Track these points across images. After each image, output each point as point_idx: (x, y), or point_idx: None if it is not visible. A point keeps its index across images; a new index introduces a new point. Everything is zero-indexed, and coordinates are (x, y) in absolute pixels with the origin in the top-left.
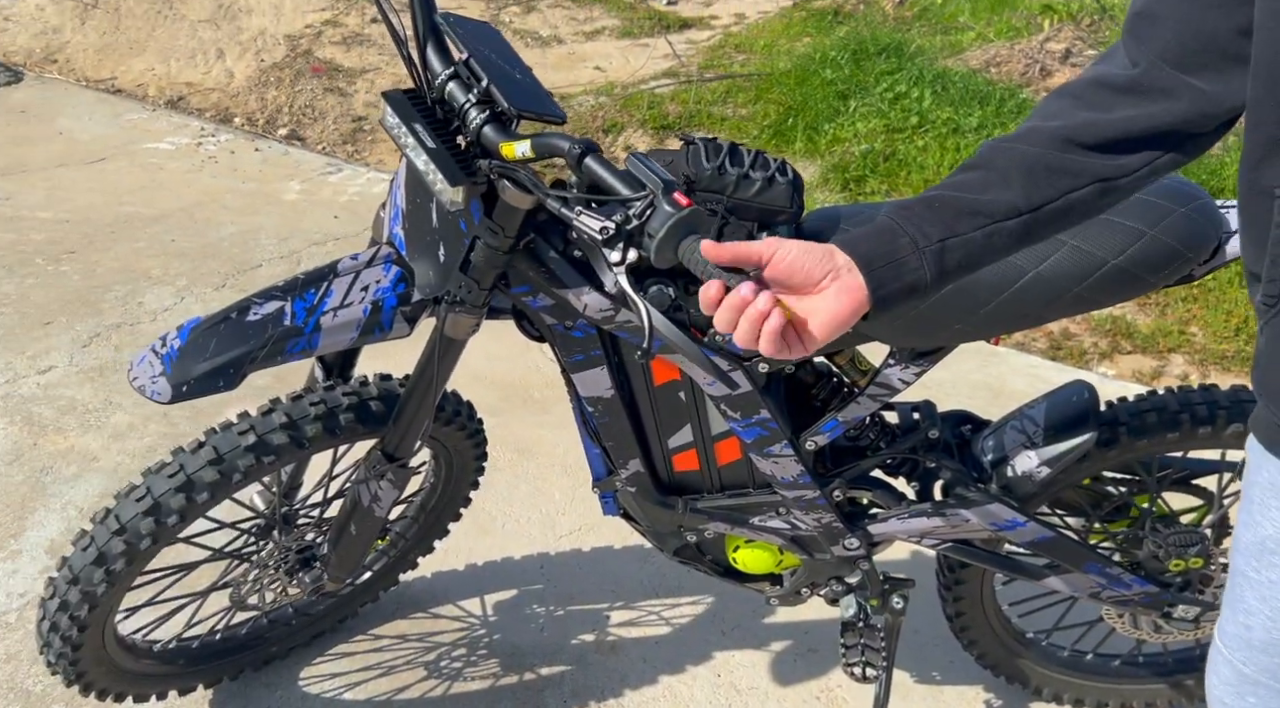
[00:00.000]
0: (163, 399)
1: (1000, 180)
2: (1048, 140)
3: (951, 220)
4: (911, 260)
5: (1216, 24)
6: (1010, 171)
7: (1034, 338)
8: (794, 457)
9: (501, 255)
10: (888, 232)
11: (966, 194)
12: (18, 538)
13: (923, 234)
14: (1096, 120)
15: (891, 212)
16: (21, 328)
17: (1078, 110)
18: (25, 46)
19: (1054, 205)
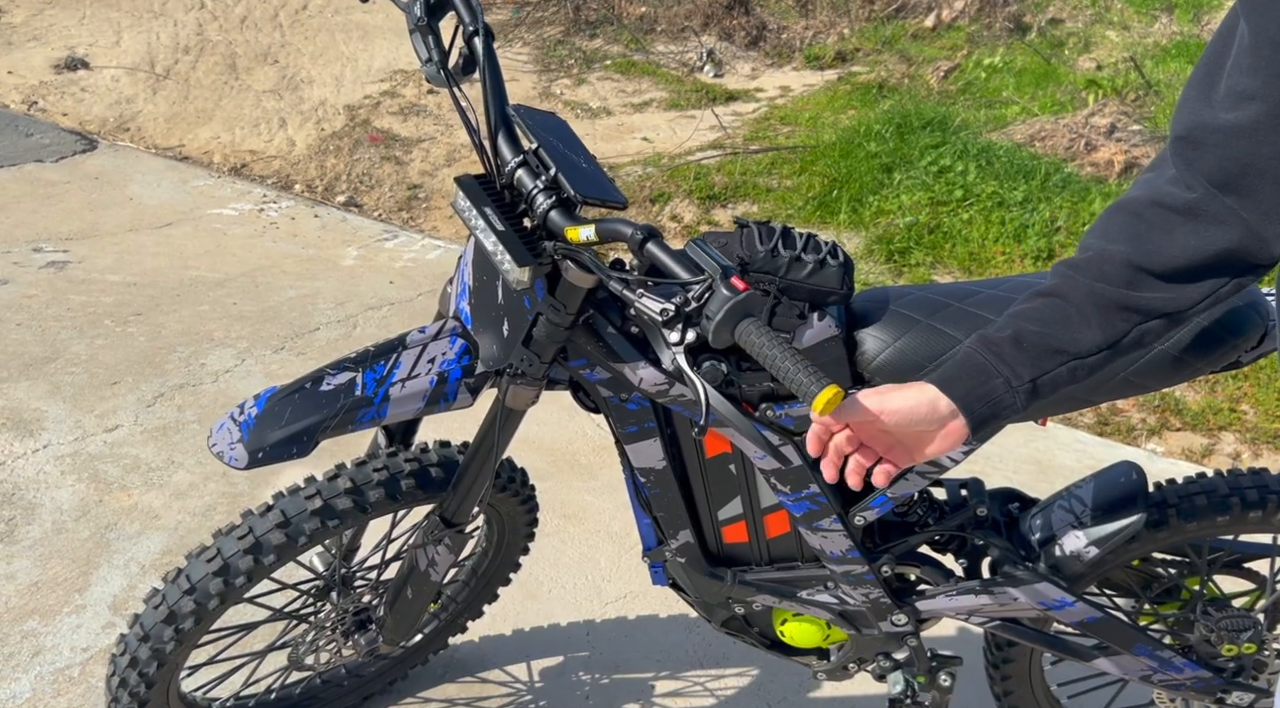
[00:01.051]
0: (240, 466)
1: (1079, 316)
2: (1118, 270)
3: (1039, 359)
4: (1006, 398)
5: (1257, 154)
6: (1086, 308)
7: (1082, 414)
8: (843, 531)
9: (562, 331)
10: (982, 372)
11: (1048, 329)
12: (82, 593)
13: (1015, 374)
14: (1160, 247)
15: (982, 348)
16: (90, 387)
17: (1140, 232)
18: (100, 116)
19: (1128, 338)
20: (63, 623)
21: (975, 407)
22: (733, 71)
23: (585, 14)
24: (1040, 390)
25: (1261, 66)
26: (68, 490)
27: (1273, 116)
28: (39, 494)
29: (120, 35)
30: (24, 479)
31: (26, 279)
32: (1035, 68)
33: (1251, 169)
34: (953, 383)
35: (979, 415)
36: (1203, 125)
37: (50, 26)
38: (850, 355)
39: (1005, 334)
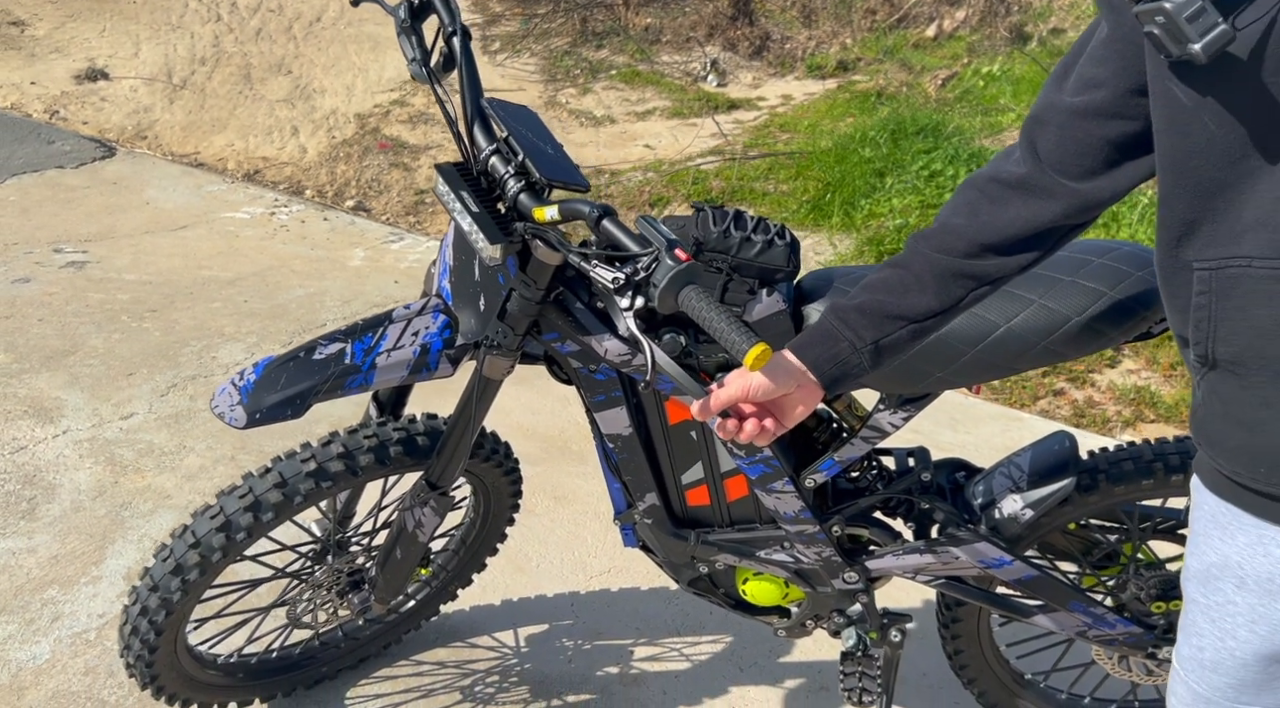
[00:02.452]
0: (239, 424)
1: (917, 284)
2: (956, 242)
3: (880, 323)
4: (852, 359)
5: (1091, 135)
6: (925, 277)
7: (1059, 406)
8: (795, 493)
9: (534, 305)
10: (830, 337)
11: (889, 297)
12: (99, 565)
13: (859, 337)
14: (994, 219)
15: (831, 316)
16: (107, 378)
17: (979, 207)
18: (119, 124)
19: (964, 302)
20: (80, 592)
21: (824, 367)
22: (736, 81)
23: (592, 25)
24: (883, 352)
25: (1112, 58)
26: (85, 472)
27: (1114, 102)
28: (59, 476)
29: (139, 47)
30: (45, 462)
31: (48, 278)
32: (1034, 76)
33: (1088, 147)
34: (805, 348)
35: (828, 375)
36: (1051, 106)
37: (72, 39)
38: (797, 328)
39: (853, 303)
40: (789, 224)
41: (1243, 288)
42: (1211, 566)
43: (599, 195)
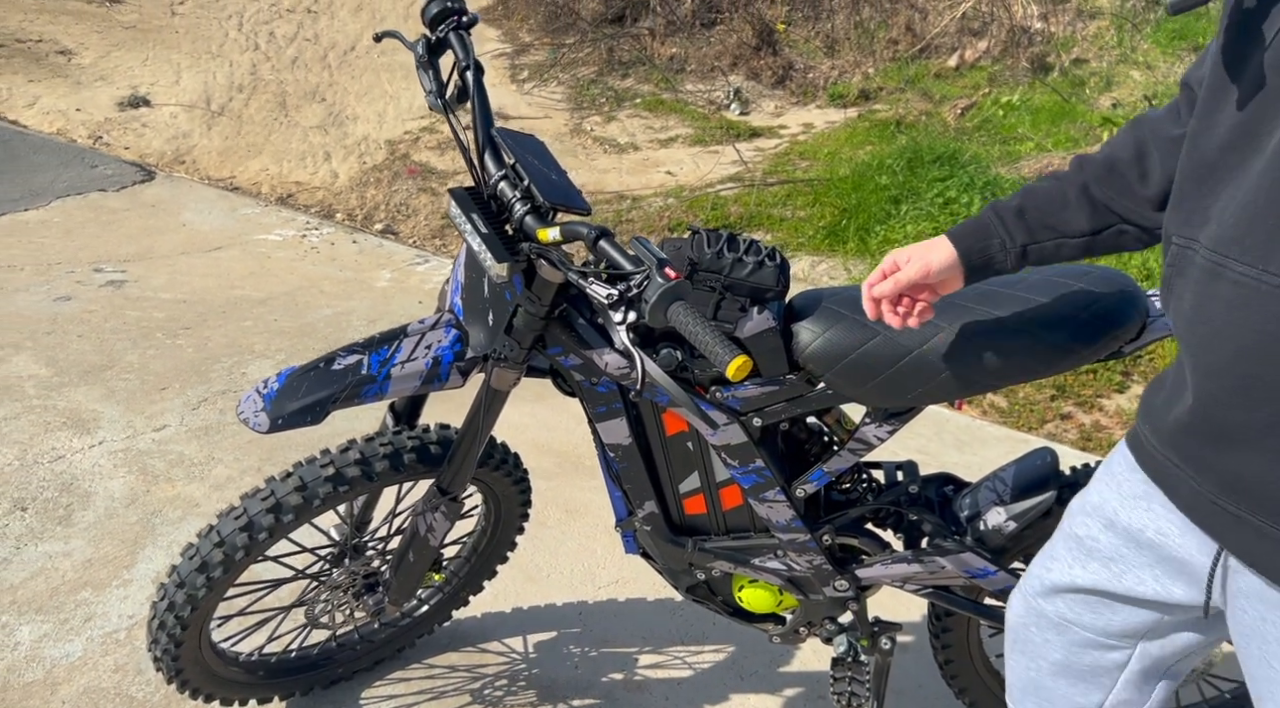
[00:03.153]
0: (262, 429)
1: (1075, 204)
2: (1112, 176)
3: (1034, 230)
4: (998, 256)
5: None
6: (1083, 200)
7: (1066, 429)
8: (786, 502)
9: (538, 320)
10: (985, 231)
11: (1048, 209)
12: (130, 569)
13: (1010, 238)
14: (1149, 170)
15: (992, 212)
16: (142, 392)
17: (1141, 152)
18: (159, 149)
19: (1107, 233)
20: (112, 594)
21: (972, 257)
22: (758, 109)
23: (618, 55)
24: (1028, 255)
25: None
26: (119, 481)
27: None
28: (94, 484)
29: (180, 75)
30: (81, 471)
31: (88, 296)
32: (1053, 106)
33: None
34: (960, 237)
35: (973, 265)
36: None
37: (116, 67)
38: (787, 345)
39: (1013, 204)
40: (805, 249)
41: (1189, 271)
42: (1091, 504)
43: (621, 219)
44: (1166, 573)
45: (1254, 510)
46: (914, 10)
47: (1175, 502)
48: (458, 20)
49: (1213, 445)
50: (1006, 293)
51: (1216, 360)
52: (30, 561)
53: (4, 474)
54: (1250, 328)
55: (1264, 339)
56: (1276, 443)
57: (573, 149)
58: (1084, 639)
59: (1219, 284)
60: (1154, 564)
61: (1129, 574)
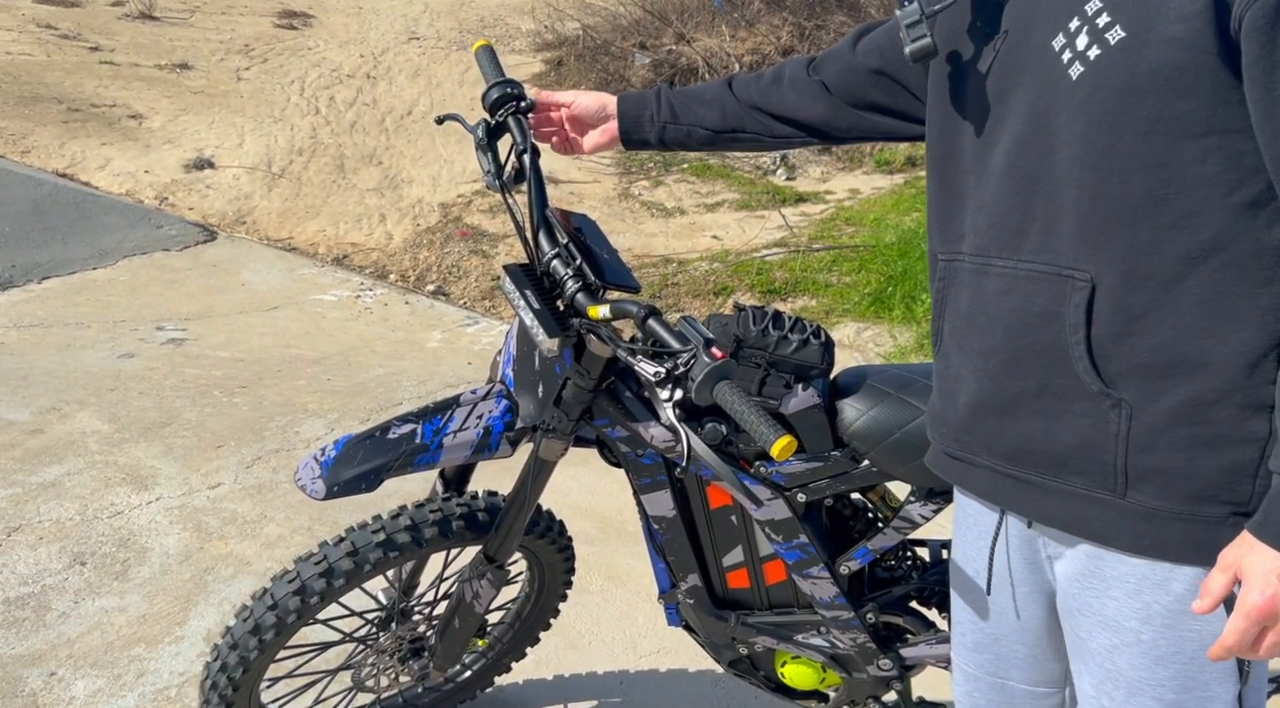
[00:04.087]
0: (319, 496)
1: (715, 105)
2: (752, 97)
3: (676, 113)
4: (646, 126)
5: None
6: (723, 105)
7: None
8: (830, 579)
9: (587, 393)
10: (643, 100)
11: (694, 97)
12: (182, 626)
13: (657, 112)
14: (781, 98)
15: (657, 88)
16: (198, 449)
17: (777, 85)
18: (221, 210)
19: (729, 135)
20: (164, 650)
21: (626, 118)
22: (804, 175)
23: None
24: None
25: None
26: (174, 538)
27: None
28: (150, 540)
29: (244, 138)
30: (138, 527)
31: (149, 354)
32: None
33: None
34: (626, 97)
35: (625, 126)
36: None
37: (184, 130)
38: (832, 422)
39: (675, 89)
40: (850, 315)
41: (960, 278)
42: (960, 558)
43: (666, 283)
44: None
45: (1039, 471)
46: None
47: (976, 492)
48: (516, 105)
49: (997, 417)
50: None
51: (991, 341)
52: (87, 615)
53: (65, 528)
54: (1013, 308)
55: (1025, 315)
56: (1046, 404)
57: (620, 213)
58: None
59: (987, 279)
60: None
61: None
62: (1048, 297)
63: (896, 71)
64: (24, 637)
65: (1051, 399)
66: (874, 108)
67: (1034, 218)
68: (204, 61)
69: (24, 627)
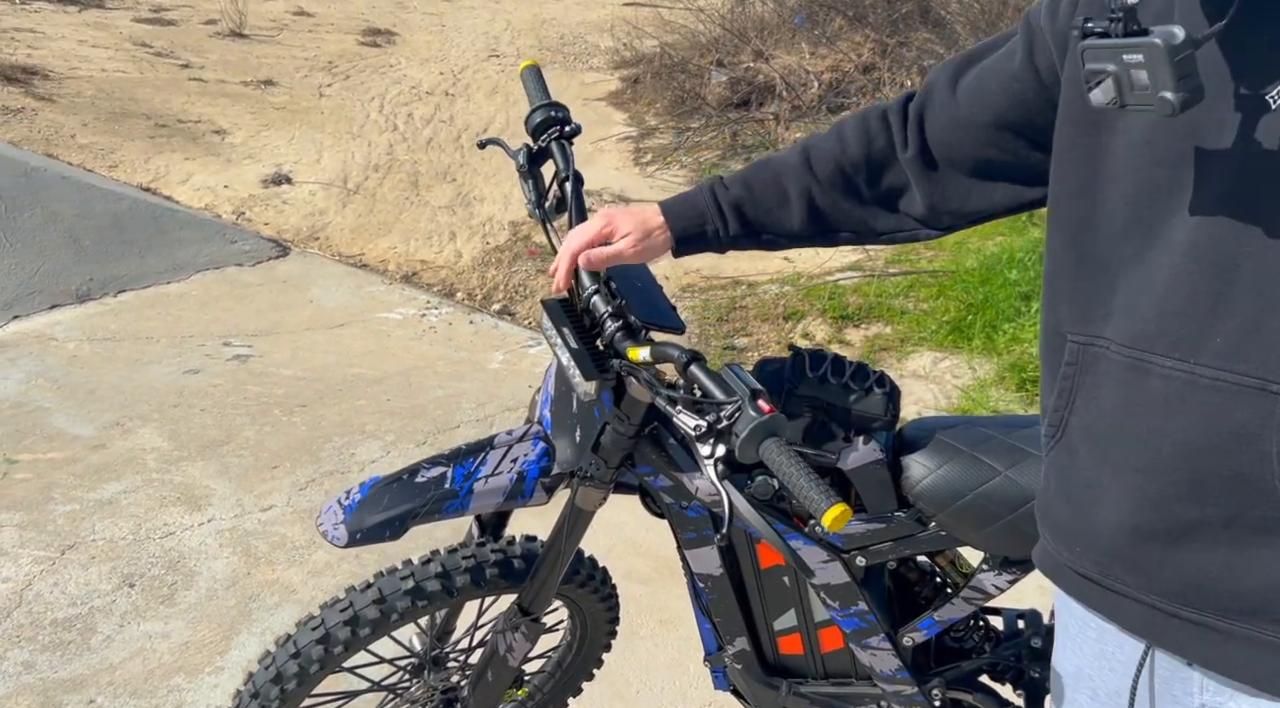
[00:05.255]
0: (340, 544)
1: (796, 205)
2: (835, 184)
3: (748, 224)
4: (711, 240)
5: (962, 147)
6: (801, 207)
7: None
8: (892, 650)
9: (626, 440)
10: (699, 216)
11: (766, 205)
12: (223, 656)
13: (724, 228)
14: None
15: (710, 196)
16: (254, 470)
17: (874, 159)
18: (296, 225)
19: (821, 239)
20: (203, 682)
21: (686, 242)
22: None
23: (741, 139)
24: (740, 245)
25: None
26: (223, 562)
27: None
28: (199, 564)
29: (322, 154)
30: (189, 549)
31: (214, 370)
32: None
33: (958, 157)
34: (676, 216)
35: (684, 247)
36: (942, 101)
37: (264, 146)
38: (896, 479)
39: (732, 195)
40: (927, 344)
41: (1100, 368)
42: (1068, 675)
43: (735, 306)
44: None
45: (1219, 613)
46: None
47: (1123, 625)
48: (560, 130)
49: (1162, 547)
50: None
51: (1155, 457)
52: (131, 640)
53: (118, 548)
54: (1191, 423)
55: (1210, 434)
56: (1235, 536)
57: None
58: None
59: (1148, 380)
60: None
61: None
62: (1244, 414)
63: (1029, 120)
64: (68, 660)
65: (1243, 532)
66: (990, 172)
67: (1229, 314)
68: (288, 78)
69: (69, 650)
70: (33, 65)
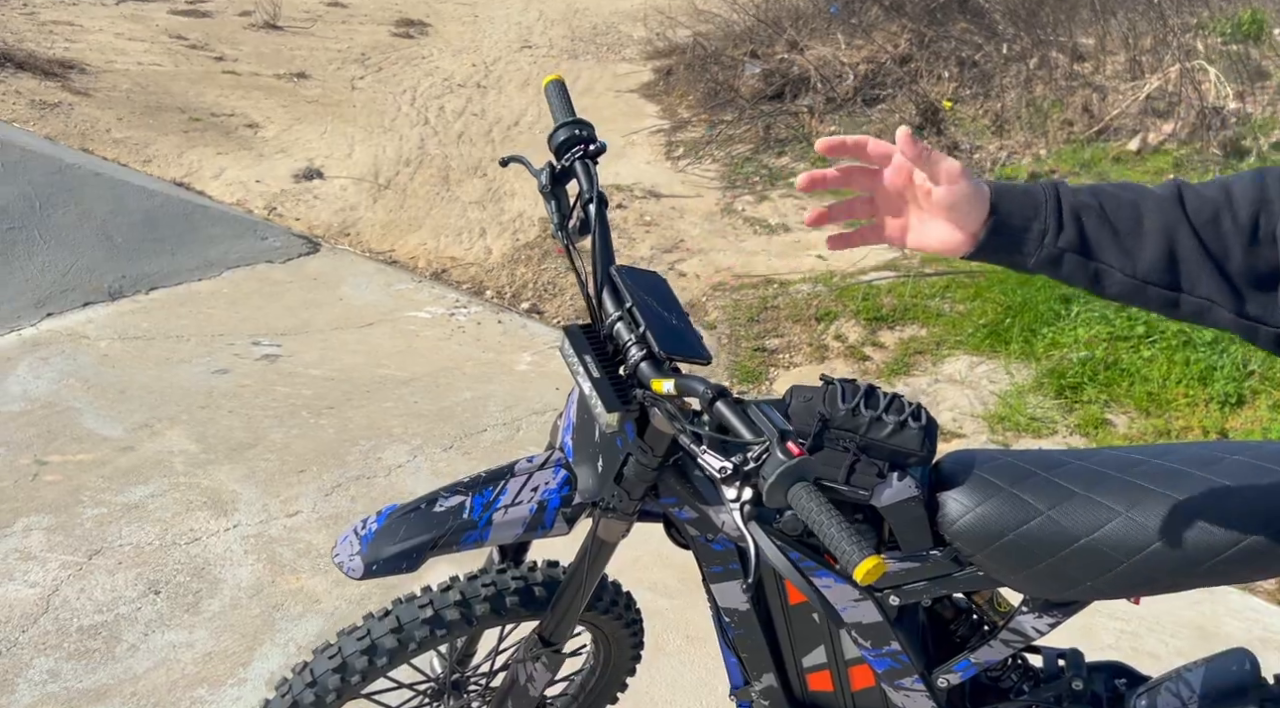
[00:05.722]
0: (356, 576)
1: (1152, 243)
2: (1206, 234)
3: (1086, 242)
4: (1030, 244)
5: None
6: (1158, 242)
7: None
8: (925, 693)
9: (650, 471)
10: (1033, 206)
11: (1118, 226)
12: (245, 667)
13: (1054, 235)
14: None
15: (1052, 192)
16: (280, 474)
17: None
18: (326, 221)
19: (1164, 294)
20: (226, 693)
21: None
22: None
23: (775, 132)
24: (1061, 265)
25: None
26: (247, 569)
27: None
28: (224, 570)
29: (353, 148)
30: (214, 555)
31: (243, 370)
32: None
33: None
34: (1006, 195)
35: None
36: None
37: (296, 140)
38: (932, 516)
39: (1079, 200)
40: (963, 347)
41: None
42: None
43: (766, 305)
44: None
45: None
46: (1092, 89)
47: None
48: (584, 149)
49: None
50: (1199, 476)
51: None
52: (155, 649)
53: (144, 554)
54: None
55: None
56: None
57: (722, 230)
58: None
59: None
60: None
61: None
62: None
63: None
64: (92, 669)
65: None
66: None
67: None
68: (321, 71)
69: (94, 658)
70: (70, 59)
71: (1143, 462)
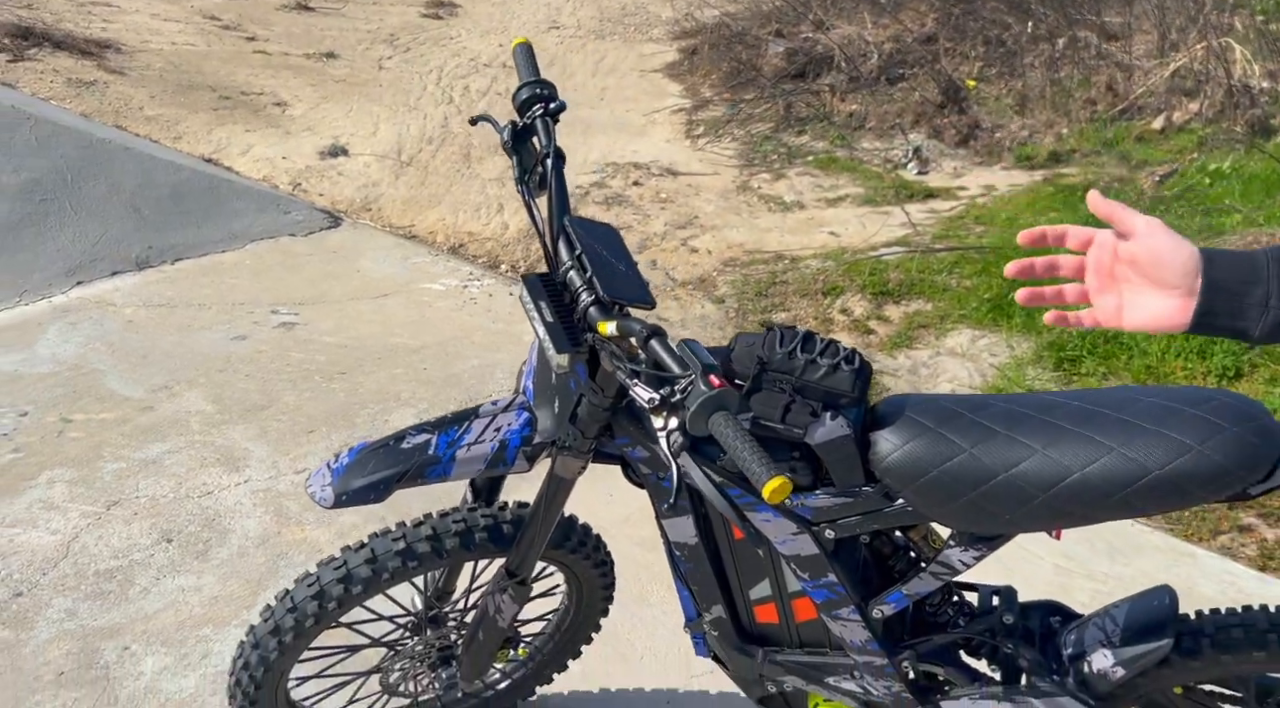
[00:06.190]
0: (326, 505)
1: None
2: None
3: None
4: (1251, 311)
5: None
6: None
7: (1243, 543)
8: (861, 622)
9: (601, 412)
10: (1253, 271)
11: None
12: (249, 610)
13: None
14: None
15: (1275, 255)
16: (291, 434)
17: None
18: (349, 196)
19: None
20: (230, 633)
21: (1218, 301)
22: (937, 169)
23: (796, 111)
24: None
25: None
26: (255, 521)
27: None
28: (233, 521)
29: (378, 126)
30: (225, 507)
31: (261, 336)
32: (1270, 175)
33: None
34: (1220, 261)
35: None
36: None
37: (323, 118)
38: (864, 454)
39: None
40: (967, 321)
41: None
42: None
43: (775, 280)
44: None
45: None
46: (1117, 68)
47: None
48: (545, 107)
49: None
50: (1112, 416)
51: None
52: (166, 592)
53: (159, 506)
54: None
55: None
56: None
57: (736, 207)
58: None
59: None
60: None
61: None
62: None
63: None
64: (107, 609)
65: None
66: None
67: None
68: (349, 51)
69: (108, 599)
70: (106, 39)
71: (1062, 404)
